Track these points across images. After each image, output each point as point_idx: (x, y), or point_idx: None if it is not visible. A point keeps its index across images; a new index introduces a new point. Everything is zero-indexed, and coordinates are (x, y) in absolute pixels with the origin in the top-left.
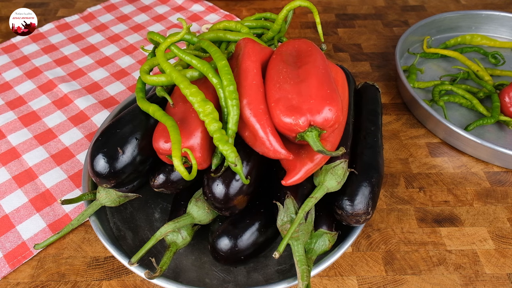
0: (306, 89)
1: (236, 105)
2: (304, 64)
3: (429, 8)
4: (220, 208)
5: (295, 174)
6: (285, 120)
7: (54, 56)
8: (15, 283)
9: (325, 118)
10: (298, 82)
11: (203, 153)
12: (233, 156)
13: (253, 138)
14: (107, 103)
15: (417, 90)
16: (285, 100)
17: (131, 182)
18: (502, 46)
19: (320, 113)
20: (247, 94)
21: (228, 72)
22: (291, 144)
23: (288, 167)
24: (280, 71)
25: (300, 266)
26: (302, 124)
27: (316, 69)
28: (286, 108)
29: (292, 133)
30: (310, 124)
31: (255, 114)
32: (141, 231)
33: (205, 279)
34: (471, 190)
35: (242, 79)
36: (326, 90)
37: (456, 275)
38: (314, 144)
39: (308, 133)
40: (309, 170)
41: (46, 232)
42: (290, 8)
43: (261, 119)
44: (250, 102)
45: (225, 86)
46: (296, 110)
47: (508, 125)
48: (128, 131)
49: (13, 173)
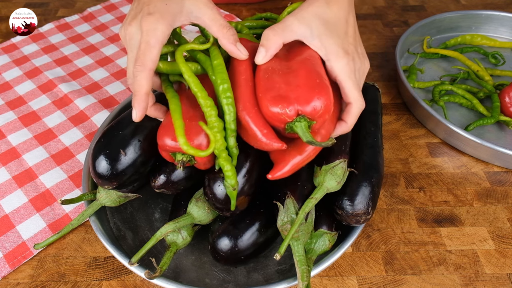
0: (294, 79)
1: (232, 104)
2: (295, 56)
3: (429, 8)
4: (221, 208)
5: (282, 167)
6: (272, 110)
7: (54, 56)
8: (15, 283)
9: (314, 107)
10: (287, 73)
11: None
12: (233, 181)
13: (246, 132)
14: (107, 103)
15: (417, 90)
16: (273, 90)
17: (132, 183)
18: (502, 46)
19: (308, 103)
20: (237, 90)
21: (222, 70)
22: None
23: (275, 160)
24: (269, 64)
25: (300, 266)
26: (289, 113)
27: (306, 61)
28: (273, 98)
29: (280, 124)
30: (298, 114)
31: (244, 108)
32: (141, 231)
33: (205, 279)
34: (471, 190)
35: (232, 76)
36: (315, 80)
37: (456, 275)
38: (303, 134)
39: (296, 123)
40: (298, 163)
41: (46, 232)
42: (291, 10)
43: (250, 112)
44: (240, 97)
45: (219, 84)
46: (283, 99)
47: (508, 125)
48: (130, 132)
49: (13, 173)
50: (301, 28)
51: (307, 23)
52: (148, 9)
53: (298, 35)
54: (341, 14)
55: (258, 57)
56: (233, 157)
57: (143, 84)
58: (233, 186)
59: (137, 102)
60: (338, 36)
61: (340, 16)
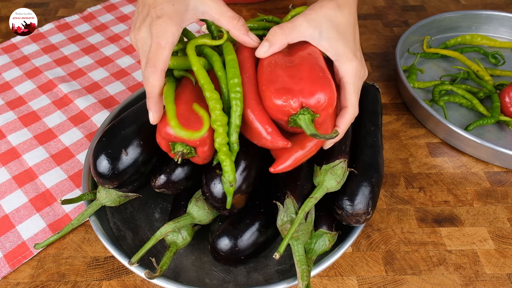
0: (298, 73)
1: (240, 99)
2: (297, 52)
3: (429, 8)
4: (218, 207)
5: (284, 161)
6: (276, 102)
7: (54, 56)
8: (15, 283)
9: (318, 99)
10: (290, 66)
11: (209, 148)
12: (231, 177)
13: (249, 130)
14: (107, 103)
15: (417, 90)
16: (276, 83)
17: (133, 183)
18: (502, 46)
19: (312, 95)
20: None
21: (234, 65)
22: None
23: (277, 155)
24: (272, 58)
25: (300, 266)
26: (293, 105)
27: (309, 56)
28: (277, 90)
29: (284, 117)
30: (302, 106)
31: (249, 106)
32: (141, 231)
33: (205, 279)
34: (471, 190)
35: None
36: (319, 73)
37: (456, 275)
38: (307, 127)
39: (300, 116)
40: (300, 157)
41: (46, 232)
42: (295, 14)
43: (255, 109)
44: (244, 95)
45: (229, 78)
46: (287, 91)
47: (508, 125)
48: (131, 132)
49: (13, 173)
50: (309, 29)
51: (316, 25)
52: (156, 12)
53: (306, 37)
54: (351, 19)
55: (260, 50)
56: (233, 153)
57: (155, 85)
58: (231, 182)
59: (152, 104)
60: (347, 40)
61: (350, 20)
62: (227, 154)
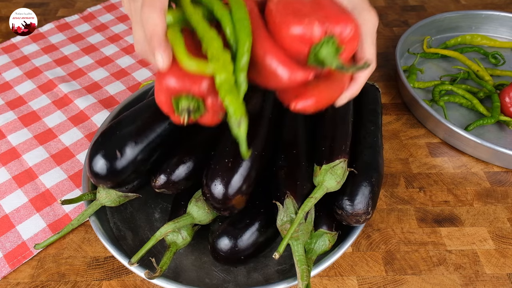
0: (317, 5)
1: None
2: None
3: (429, 8)
4: (219, 208)
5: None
6: (294, 31)
7: (54, 56)
8: (15, 283)
9: (344, 27)
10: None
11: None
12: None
13: (259, 69)
14: (107, 103)
15: (417, 90)
16: (294, 12)
17: (129, 183)
18: (502, 46)
19: (338, 22)
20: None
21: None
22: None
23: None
24: None
25: (300, 266)
26: (316, 32)
27: None
28: (296, 17)
29: (304, 47)
30: (326, 33)
31: (258, 41)
32: (141, 231)
33: (205, 279)
34: (471, 190)
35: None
36: (340, 6)
37: (456, 275)
38: (333, 59)
39: (324, 46)
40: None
41: (46, 232)
42: None
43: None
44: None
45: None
46: (308, 16)
47: (508, 125)
48: (128, 132)
49: (13, 173)
50: None
51: None
52: None
53: None
54: None
55: None
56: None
57: (157, 23)
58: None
59: (158, 43)
60: None
61: None
62: (230, 91)
